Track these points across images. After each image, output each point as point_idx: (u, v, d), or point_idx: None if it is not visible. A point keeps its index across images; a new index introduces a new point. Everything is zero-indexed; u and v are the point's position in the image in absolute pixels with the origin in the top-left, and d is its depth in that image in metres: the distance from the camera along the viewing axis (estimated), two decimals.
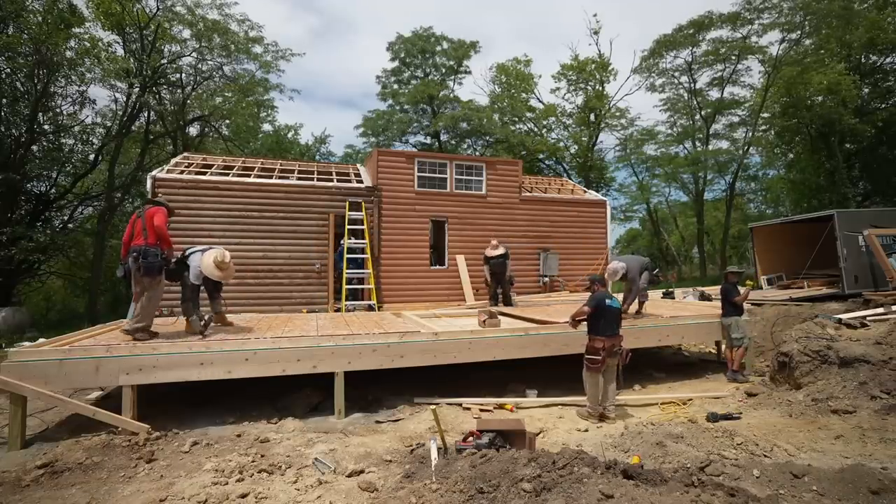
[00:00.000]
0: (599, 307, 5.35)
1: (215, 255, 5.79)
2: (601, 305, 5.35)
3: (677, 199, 32.84)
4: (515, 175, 12.06)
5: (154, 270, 5.22)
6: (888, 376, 5.27)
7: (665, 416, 5.51)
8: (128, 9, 15.60)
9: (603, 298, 5.40)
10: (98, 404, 5.08)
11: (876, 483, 3.14)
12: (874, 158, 20.87)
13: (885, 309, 8.17)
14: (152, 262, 5.17)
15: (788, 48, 22.20)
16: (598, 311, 5.34)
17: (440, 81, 27.69)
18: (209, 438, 4.67)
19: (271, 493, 3.54)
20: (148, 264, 5.15)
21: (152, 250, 5.19)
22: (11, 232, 12.34)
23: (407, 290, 10.78)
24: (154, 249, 5.21)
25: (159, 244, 5.28)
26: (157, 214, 5.36)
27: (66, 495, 3.54)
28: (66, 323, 13.66)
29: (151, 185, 9.18)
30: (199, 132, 20.90)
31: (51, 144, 15.36)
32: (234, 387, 5.77)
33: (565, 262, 12.15)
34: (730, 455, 3.99)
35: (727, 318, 7.15)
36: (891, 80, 20.40)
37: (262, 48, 19.31)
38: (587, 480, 2.90)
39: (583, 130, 27.25)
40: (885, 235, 10.35)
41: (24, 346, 5.85)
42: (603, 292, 5.53)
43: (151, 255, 5.17)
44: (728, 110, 25.77)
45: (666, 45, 24.66)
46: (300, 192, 10.11)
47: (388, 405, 5.89)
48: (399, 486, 3.49)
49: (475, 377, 6.68)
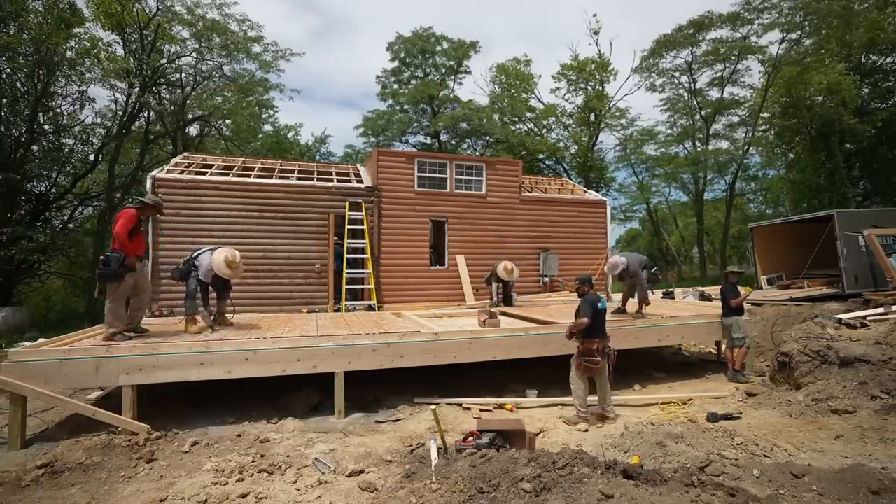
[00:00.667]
0: (596, 313, 5.26)
1: (226, 253, 5.95)
2: (597, 310, 5.26)
3: (677, 199, 32.90)
4: (515, 175, 12.05)
5: (106, 277, 5.14)
6: (888, 376, 5.27)
7: (665, 416, 5.51)
8: (128, 9, 15.61)
9: (596, 302, 5.30)
10: (98, 404, 5.09)
11: (876, 483, 3.14)
12: (874, 158, 20.87)
13: (885, 309, 8.17)
14: (104, 270, 5.13)
15: (788, 48, 22.21)
16: (596, 316, 5.27)
17: (440, 81, 27.68)
18: (209, 438, 4.67)
19: (271, 493, 3.54)
20: (100, 272, 5.14)
21: (113, 255, 5.15)
22: (11, 232, 12.34)
23: (407, 290, 10.78)
24: (115, 255, 5.15)
25: (121, 249, 5.22)
26: (120, 219, 5.32)
27: (66, 495, 3.54)
28: (66, 323, 13.65)
29: (151, 185, 9.18)
30: (199, 132, 20.92)
31: (51, 144, 15.36)
32: (234, 387, 5.77)
33: (565, 262, 12.14)
34: (730, 455, 3.99)
35: (728, 318, 7.15)
36: (891, 80, 20.40)
37: (262, 48, 19.35)
38: (587, 480, 2.90)
39: (583, 130, 27.26)
40: (885, 235, 10.35)
41: (24, 346, 5.86)
42: (594, 295, 5.43)
43: (112, 261, 5.12)
44: (728, 110, 25.79)
45: (666, 45, 24.67)
46: (300, 192, 10.10)
47: (388, 405, 5.89)
48: (399, 486, 3.49)
49: (475, 377, 6.68)
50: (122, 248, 5.23)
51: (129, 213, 5.42)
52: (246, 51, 18.59)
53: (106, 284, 5.19)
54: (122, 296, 5.33)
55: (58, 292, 19.95)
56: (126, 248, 5.25)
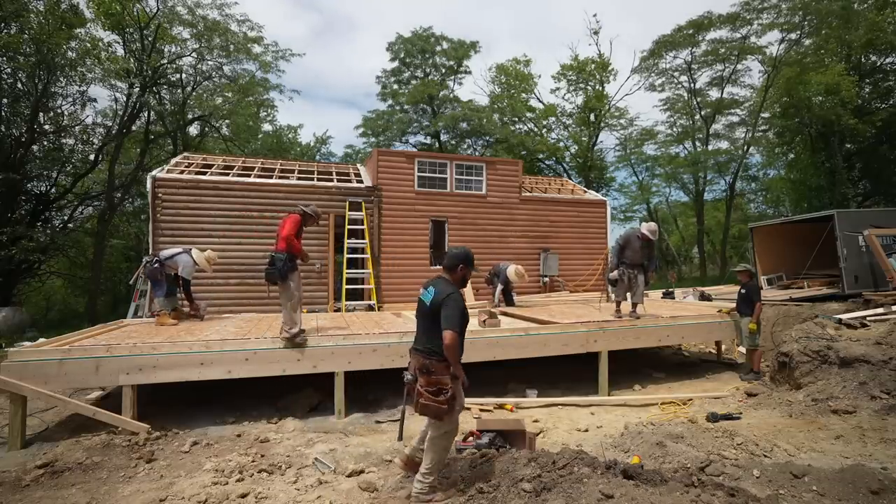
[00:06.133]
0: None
1: (208, 252, 7.10)
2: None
3: (677, 199, 32.84)
4: (515, 175, 12.06)
5: (273, 276, 5.33)
6: (888, 376, 5.27)
7: (665, 417, 5.51)
8: (128, 9, 15.60)
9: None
10: (98, 404, 5.09)
11: (876, 483, 3.14)
12: (874, 158, 20.87)
13: (885, 309, 8.17)
14: (270, 269, 5.33)
15: (788, 48, 22.21)
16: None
17: (440, 81, 27.67)
18: (209, 438, 4.67)
19: (271, 493, 3.54)
20: (267, 272, 5.35)
21: (278, 256, 5.32)
22: (11, 232, 12.34)
23: (407, 290, 10.77)
24: (280, 255, 5.32)
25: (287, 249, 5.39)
26: (288, 223, 5.47)
27: (66, 495, 3.54)
28: (66, 323, 13.65)
29: (151, 184, 9.19)
30: (199, 132, 20.92)
31: (51, 144, 15.36)
32: (234, 387, 5.77)
33: (565, 262, 12.15)
34: (730, 455, 3.99)
35: (745, 318, 7.08)
36: (891, 80, 20.40)
37: (262, 48, 19.35)
38: (587, 480, 2.90)
39: (583, 130, 27.26)
40: (885, 235, 10.33)
41: (24, 345, 5.86)
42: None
43: (277, 261, 5.30)
44: (728, 110, 25.78)
45: (665, 46, 24.67)
46: (300, 192, 10.10)
47: (388, 405, 5.88)
48: (399, 486, 3.49)
49: (475, 377, 6.66)
50: (290, 247, 5.37)
51: (296, 217, 5.57)
52: (246, 51, 18.58)
53: (275, 282, 5.37)
54: (295, 295, 5.41)
55: (58, 292, 19.95)
56: (294, 247, 5.40)
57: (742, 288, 7.23)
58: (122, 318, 8.21)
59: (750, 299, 7.05)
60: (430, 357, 3.24)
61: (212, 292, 9.11)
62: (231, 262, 9.43)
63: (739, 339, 7.51)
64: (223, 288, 9.42)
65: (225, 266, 9.32)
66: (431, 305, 3.23)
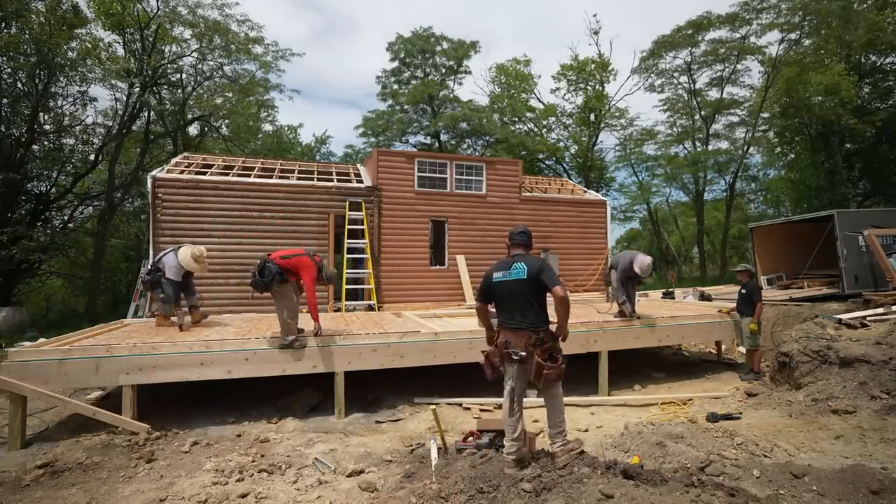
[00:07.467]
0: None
1: (192, 249, 6.42)
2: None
3: (677, 199, 32.81)
4: (515, 175, 12.06)
5: (259, 287, 5.35)
6: (888, 376, 5.27)
7: (665, 416, 5.51)
8: (129, 9, 15.61)
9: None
10: (98, 404, 5.09)
11: (876, 483, 3.14)
12: (874, 158, 20.86)
13: (885, 309, 8.17)
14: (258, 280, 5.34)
15: (788, 48, 22.20)
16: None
17: (440, 81, 27.66)
18: (209, 438, 4.68)
19: (271, 493, 3.54)
20: (256, 282, 5.36)
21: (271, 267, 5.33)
22: (11, 232, 12.34)
23: (407, 289, 10.78)
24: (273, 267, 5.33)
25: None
26: (308, 275, 5.47)
27: (66, 495, 3.54)
28: (66, 323, 13.65)
29: (151, 184, 9.18)
30: (199, 132, 20.91)
31: (51, 144, 15.37)
32: (234, 387, 5.77)
33: (565, 262, 12.14)
34: (730, 455, 3.99)
35: (745, 318, 7.08)
36: (891, 80, 20.39)
37: (263, 48, 19.34)
38: (587, 480, 2.90)
39: (583, 130, 27.24)
40: (885, 235, 10.33)
41: (24, 345, 5.86)
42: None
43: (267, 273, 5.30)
44: (728, 110, 25.75)
45: (665, 46, 24.65)
46: (300, 192, 10.11)
47: (388, 405, 5.89)
48: (399, 486, 3.49)
49: (475, 377, 6.67)
50: (306, 296, 5.52)
51: (314, 270, 5.56)
52: (246, 51, 18.58)
53: (259, 291, 5.44)
54: (291, 305, 5.47)
55: (58, 292, 19.96)
56: (310, 304, 5.56)
57: (742, 288, 7.23)
58: (123, 318, 8.22)
59: (750, 299, 7.04)
60: (538, 330, 3.49)
61: (212, 292, 9.11)
62: (231, 263, 9.43)
63: (739, 339, 7.51)
64: (223, 288, 9.41)
65: (225, 266, 9.33)
66: (530, 275, 3.53)
